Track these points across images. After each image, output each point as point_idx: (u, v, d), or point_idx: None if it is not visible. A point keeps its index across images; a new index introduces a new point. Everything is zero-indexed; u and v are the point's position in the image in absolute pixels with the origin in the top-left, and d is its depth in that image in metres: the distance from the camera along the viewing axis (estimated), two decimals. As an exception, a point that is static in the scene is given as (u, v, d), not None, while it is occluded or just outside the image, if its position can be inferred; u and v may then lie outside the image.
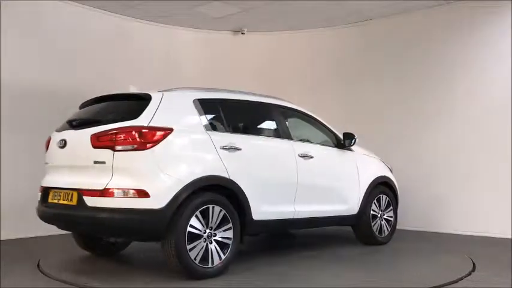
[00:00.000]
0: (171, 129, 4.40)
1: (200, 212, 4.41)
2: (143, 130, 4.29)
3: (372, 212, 6.20)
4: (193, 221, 4.36)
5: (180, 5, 7.78)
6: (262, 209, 4.94)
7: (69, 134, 4.74)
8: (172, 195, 4.24)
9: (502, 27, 7.20)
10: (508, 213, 6.94)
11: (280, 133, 5.50)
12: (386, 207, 6.47)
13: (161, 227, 4.22)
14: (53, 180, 4.84)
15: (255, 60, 9.20)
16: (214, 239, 4.51)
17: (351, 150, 6.16)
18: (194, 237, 4.36)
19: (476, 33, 7.48)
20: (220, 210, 4.55)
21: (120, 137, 4.28)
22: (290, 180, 5.32)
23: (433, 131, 7.74)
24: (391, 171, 6.74)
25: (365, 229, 6.20)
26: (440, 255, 5.82)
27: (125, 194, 4.19)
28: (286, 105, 5.86)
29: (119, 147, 4.26)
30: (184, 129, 4.56)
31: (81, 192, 4.37)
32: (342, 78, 8.84)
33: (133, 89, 4.89)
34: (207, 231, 4.48)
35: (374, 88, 8.42)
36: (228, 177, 4.63)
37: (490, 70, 7.32)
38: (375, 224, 6.25)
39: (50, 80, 7.28)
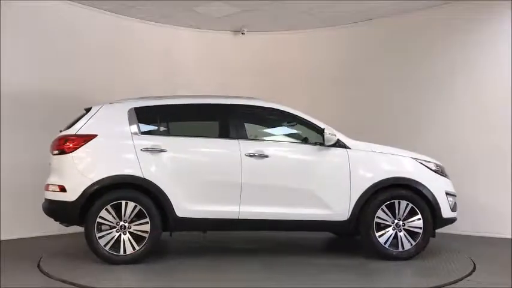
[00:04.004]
0: (94, 136, 5.25)
1: (113, 206, 5.13)
2: (67, 138, 5.28)
3: (376, 220, 5.38)
4: (104, 213, 5.12)
5: (180, 5, 7.78)
6: (188, 207, 5.24)
7: None
8: (82, 190, 5.10)
9: (501, 27, 7.20)
10: (508, 213, 6.94)
11: (230, 133, 5.49)
12: (410, 216, 5.44)
13: (74, 215, 5.14)
14: None
15: (255, 60, 9.20)
16: (128, 231, 5.15)
17: (346, 147, 5.49)
18: (104, 227, 5.14)
19: (476, 33, 7.46)
20: (135, 206, 5.15)
21: (55, 144, 5.37)
22: (231, 179, 5.30)
23: (433, 131, 7.73)
24: (440, 174, 5.69)
25: (365, 240, 5.48)
26: (441, 255, 5.81)
27: (54, 188, 5.25)
28: (251, 104, 5.71)
29: (53, 152, 5.36)
30: (109, 135, 5.32)
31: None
32: (341, 78, 8.83)
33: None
34: (121, 223, 5.13)
35: (374, 88, 8.42)
36: (142, 176, 5.18)
37: (490, 70, 7.31)
38: (382, 234, 5.39)
39: (50, 79, 7.27)
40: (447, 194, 5.61)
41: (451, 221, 5.72)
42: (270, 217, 5.36)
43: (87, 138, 5.25)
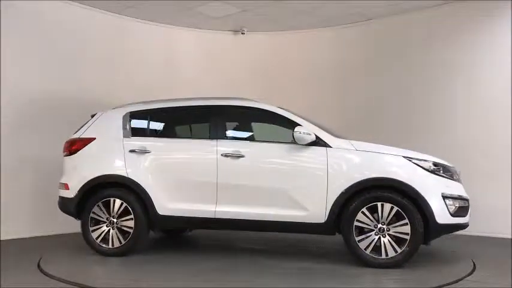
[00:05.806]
0: (93, 139, 5.78)
1: (104, 203, 5.60)
2: (73, 141, 5.85)
3: (356, 223, 5.01)
4: (96, 209, 5.62)
5: (180, 5, 7.78)
6: (169, 206, 5.51)
7: None
8: (79, 188, 5.64)
9: (502, 27, 7.20)
10: (508, 213, 6.94)
11: (210, 133, 5.63)
12: (397, 220, 4.97)
13: (73, 210, 5.72)
14: None
15: (255, 60, 9.20)
16: (116, 226, 5.58)
17: (326, 146, 5.21)
18: (97, 222, 5.63)
19: (476, 33, 7.47)
20: (122, 203, 5.56)
21: (64, 147, 5.94)
22: (207, 179, 5.41)
23: (433, 131, 7.74)
24: (439, 174, 5.17)
25: (346, 244, 5.14)
26: (441, 255, 5.82)
27: (62, 186, 5.82)
28: (232, 104, 5.73)
29: (63, 154, 5.92)
30: (105, 138, 5.80)
31: None
32: (341, 78, 8.84)
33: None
34: (110, 219, 5.58)
35: (374, 88, 8.42)
36: (126, 175, 5.57)
37: (490, 70, 7.32)
38: (363, 239, 5.01)
39: (49, 80, 7.27)
40: (445, 197, 5.07)
41: (455, 227, 5.24)
42: (246, 217, 5.34)
43: (87, 141, 5.79)
